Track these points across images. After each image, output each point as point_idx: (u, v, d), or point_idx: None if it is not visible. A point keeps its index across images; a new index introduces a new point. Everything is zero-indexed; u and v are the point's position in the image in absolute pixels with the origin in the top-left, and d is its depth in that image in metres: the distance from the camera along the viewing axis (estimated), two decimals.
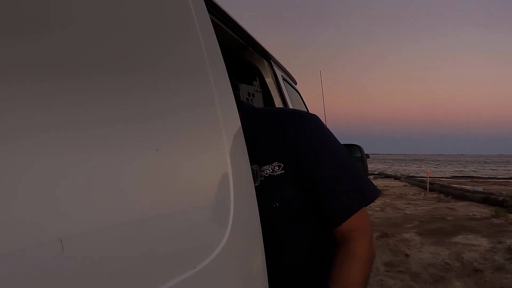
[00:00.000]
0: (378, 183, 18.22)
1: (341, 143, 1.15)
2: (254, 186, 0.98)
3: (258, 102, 1.87)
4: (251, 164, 0.99)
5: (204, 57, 0.85)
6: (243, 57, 1.80)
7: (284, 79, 2.16)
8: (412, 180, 20.09)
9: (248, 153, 0.98)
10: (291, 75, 2.42)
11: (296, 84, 2.59)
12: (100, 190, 0.53)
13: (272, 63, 2.01)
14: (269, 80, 1.95)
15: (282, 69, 2.20)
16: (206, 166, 0.79)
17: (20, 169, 0.45)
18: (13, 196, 0.43)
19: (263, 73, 1.95)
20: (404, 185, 17.81)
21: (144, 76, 0.68)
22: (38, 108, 0.48)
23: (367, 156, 11.50)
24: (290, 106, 2.01)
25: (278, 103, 1.92)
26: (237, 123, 0.94)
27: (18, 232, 0.43)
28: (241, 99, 1.80)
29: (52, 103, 0.50)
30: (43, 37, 0.52)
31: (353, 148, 2.62)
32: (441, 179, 23.88)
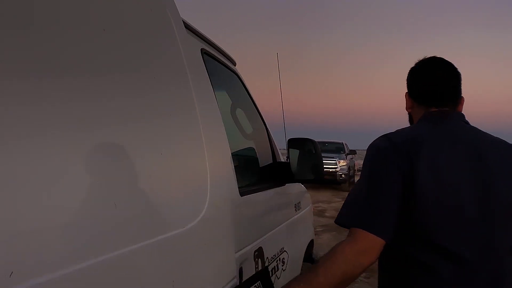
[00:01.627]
0: None
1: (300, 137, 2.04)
2: None
3: None
4: None
5: (183, 60, 1.19)
6: None
7: (206, 53, 1.67)
8: None
9: None
10: (224, 52, 1.93)
11: (235, 65, 2.10)
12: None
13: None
14: None
15: (205, 40, 1.71)
16: (186, 157, 1.12)
17: None
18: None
19: None
20: None
21: (127, 79, 0.87)
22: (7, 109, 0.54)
23: (354, 152, 11.07)
24: (207, 85, 1.52)
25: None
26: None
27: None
28: None
29: (36, 104, 0.59)
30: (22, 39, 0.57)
31: (305, 143, 2.13)
32: None
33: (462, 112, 1.28)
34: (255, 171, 2.15)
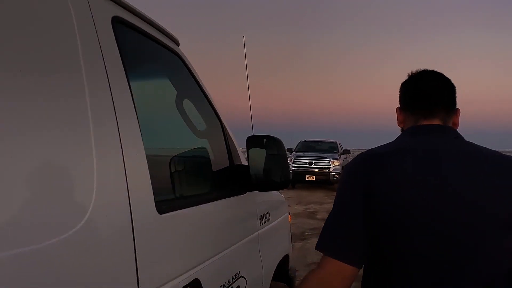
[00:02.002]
0: None
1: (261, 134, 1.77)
2: None
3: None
4: None
5: (76, 30, 0.99)
6: None
7: (123, 23, 1.27)
8: None
9: None
10: (159, 26, 1.52)
11: (178, 45, 1.69)
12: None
13: None
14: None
15: (125, 8, 1.30)
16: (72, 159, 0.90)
17: None
18: None
19: None
20: None
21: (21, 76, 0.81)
22: None
23: (347, 151, 10.45)
24: (114, 65, 1.11)
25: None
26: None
27: None
28: None
29: None
30: None
31: (267, 142, 1.73)
32: None
33: (457, 129, 1.22)
34: (205, 178, 1.75)
